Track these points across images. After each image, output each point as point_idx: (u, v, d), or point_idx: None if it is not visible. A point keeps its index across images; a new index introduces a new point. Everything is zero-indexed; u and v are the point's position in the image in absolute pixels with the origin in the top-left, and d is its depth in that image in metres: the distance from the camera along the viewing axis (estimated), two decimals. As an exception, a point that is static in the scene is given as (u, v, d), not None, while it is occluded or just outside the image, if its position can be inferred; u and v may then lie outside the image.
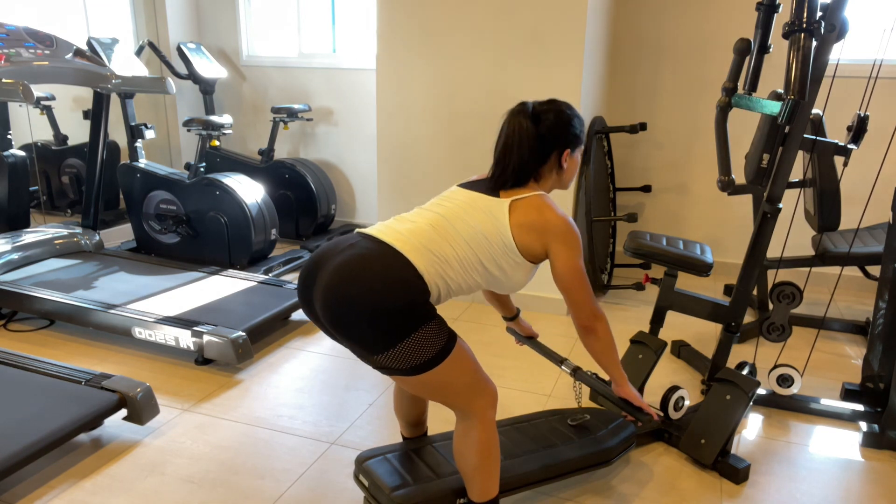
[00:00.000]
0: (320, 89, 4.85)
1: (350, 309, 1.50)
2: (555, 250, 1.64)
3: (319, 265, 1.60)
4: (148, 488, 2.09)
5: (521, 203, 1.64)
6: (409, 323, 1.51)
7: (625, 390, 1.81)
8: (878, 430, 2.39)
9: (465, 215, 1.64)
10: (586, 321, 1.69)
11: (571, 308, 1.70)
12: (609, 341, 1.73)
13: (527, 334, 2.16)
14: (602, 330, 1.71)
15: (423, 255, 1.57)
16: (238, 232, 3.90)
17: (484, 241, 1.63)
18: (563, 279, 1.66)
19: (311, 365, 2.95)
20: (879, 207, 3.79)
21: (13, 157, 3.67)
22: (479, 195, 1.68)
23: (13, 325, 3.28)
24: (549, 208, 1.64)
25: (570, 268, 1.64)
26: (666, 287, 2.56)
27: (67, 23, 4.26)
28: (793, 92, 2.05)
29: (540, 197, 1.66)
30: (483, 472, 1.68)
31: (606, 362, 1.76)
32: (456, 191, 1.74)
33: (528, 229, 1.63)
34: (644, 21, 4.02)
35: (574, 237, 1.65)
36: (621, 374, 1.80)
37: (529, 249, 1.64)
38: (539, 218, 1.63)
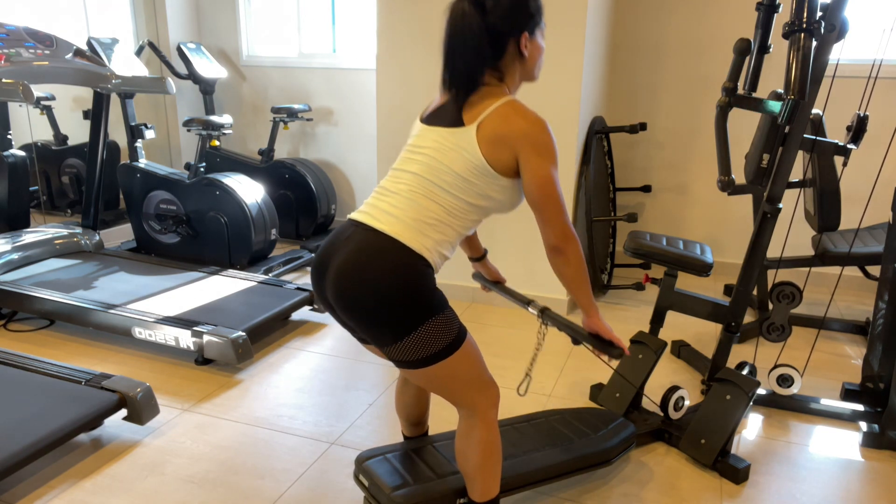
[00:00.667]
0: (320, 89, 4.85)
1: (361, 306, 1.50)
2: (523, 158, 1.49)
3: (327, 262, 1.57)
4: (148, 488, 2.09)
5: (487, 119, 1.49)
6: (419, 314, 1.49)
7: (594, 321, 1.65)
8: (878, 430, 2.39)
9: (439, 165, 1.53)
10: (556, 241, 1.54)
11: (541, 226, 1.55)
12: (580, 266, 1.57)
13: (494, 279, 2.05)
14: (573, 252, 1.55)
15: (416, 230, 1.52)
16: (238, 232, 3.90)
17: (465, 182, 1.53)
18: (532, 191, 1.51)
19: (311, 365, 2.95)
20: (879, 207, 3.79)
21: (13, 157, 3.67)
22: (444, 131, 1.54)
23: (13, 325, 3.28)
24: (515, 113, 1.49)
25: (539, 177, 1.49)
26: (666, 287, 2.56)
27: (67, 23, 4.26)
28: (793, 92, 2.05)
29: (506, 104, 1.50)
30: (484, 471, 1.68)
31: (576, 289, 1.60)
32: (422, 132, 1.60)
33: (498, 145, 1.49)
34: (644, 21, 4.02)
35: (544, 141, 1.48)
36: (592, 303, 1.64)
37: (507, 167, 1.51)
38: (505, 128, 1.48)
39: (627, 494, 2.10)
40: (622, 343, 1.64)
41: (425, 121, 1.62)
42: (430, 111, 1.64)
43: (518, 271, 3.56)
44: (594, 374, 2.90)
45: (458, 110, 1.54)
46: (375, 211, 1.57)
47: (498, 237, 3.56)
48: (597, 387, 2.64)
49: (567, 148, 3.36)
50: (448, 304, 1.56)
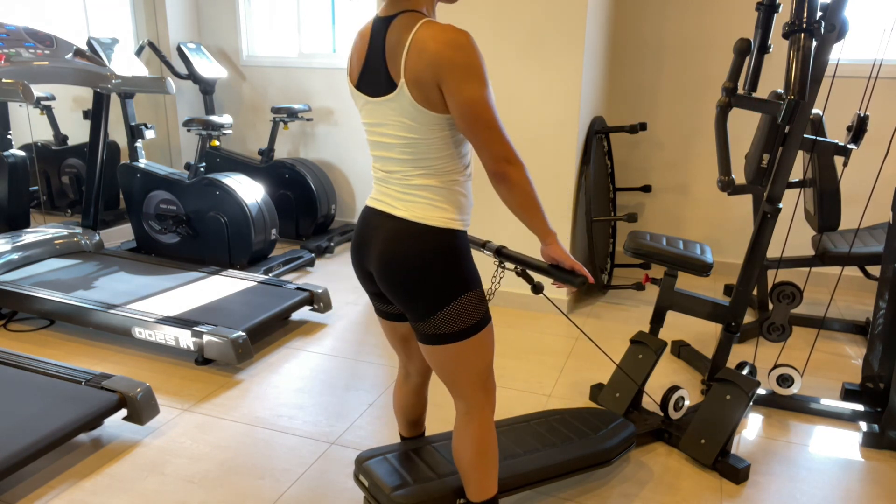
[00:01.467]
0: (320, 89, 4.85)
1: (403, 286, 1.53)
2: (446, 87, 1.35)
3: (366, 246, 1.60)
4: (148, 488, 2.09)
5: (408, 65, 1.37)
6: (455, 288, 1.52)
7: (553, 249, 1.56)
8: (878, 430, 2.39)
9: (405, 141, 1.47)
10: (495, 165, 1.42)
11: (478, 152, 1.43)
12: (526, 190, 1.44)
13: None
14: (516, 175, 1.42)
15: (430, 206, 1.52)
16: (238, 232, 3.90)
17: (433, 141, 1.45)
18: (461, 118, 1.38)
19: (311, 365, 2.95)
20: (879, 207, 3.79)
21: (13, 157, 3.67)
22: (386, 105, 1.45)
23: (13, 325, 3.28)
24: (427, 39, 1.34)
25: (463, 101, 1.36)
26: (666, 287, 2.56)
27: (67, 23, 4.26)
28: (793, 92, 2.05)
29: (418, 32, 1.36)
30: (480, 469, 1.68)
31: (527, 216, 1.49)
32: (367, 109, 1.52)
33: (426, 87, 1.37)
34: (644, 21, 4.02)
35: (462, 61, 1.33)
36: (548, 229, 1.53)
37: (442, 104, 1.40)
38: (420, 64, 1.35)
39: (627, 494, 2.10)
40: (584, 270, 1.57)
41: (361, 87, 1.51)
42: (358, 71, 1.51)
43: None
44: (594, 374, 2.90)
45: (383, 64, 1.42)
46: (389, 199, 1.58)
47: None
48: (597, 387, 2.64)
49: (567, 148, 3.36)
50: (481, 284, 1.58)
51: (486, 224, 3.57)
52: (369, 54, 1.48)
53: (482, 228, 3.59)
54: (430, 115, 1.42)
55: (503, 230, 3.53)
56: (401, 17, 1.42)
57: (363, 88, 1.51)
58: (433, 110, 1.41)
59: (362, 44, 1.51)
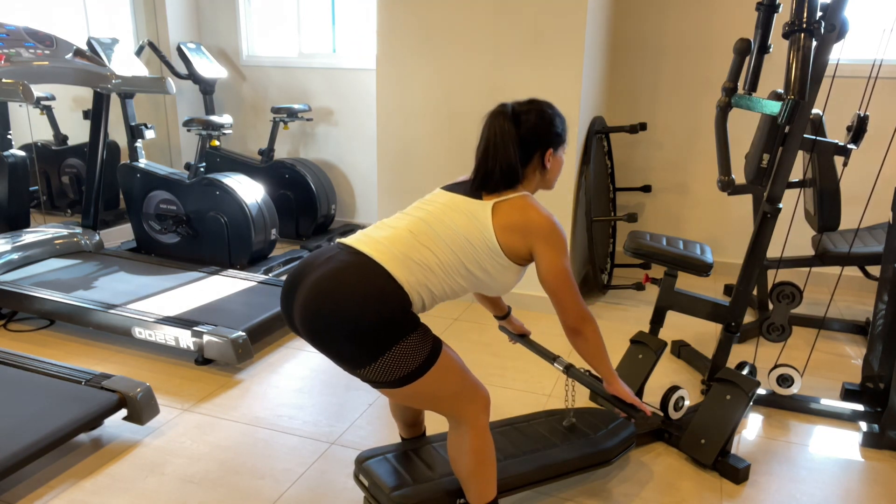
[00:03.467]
0: (320, 89, 4.85)
1: (328, 325, 1.48)
2: (539, 251, 1.61)
3: (298, 280, 1.57)
4: (148, 488, 2.09)
5: (505, 204, 1.62)
6: (390, 336, 1.48)
7: (616, 388, 1.79)
8: (878, 430, 2.39)
9: (447, 218, 1.62)
10: (574, 323, 1.66)
11: (558, 310, 1.67)
12: (598, 343, 1.70)
13: (519, 332, 2.14)
14: (590, 331, 1.68)
15: (402, 264, 1.54)
16: (238, 232, 3.90)
17: (467, 244, 1.60)
18: (549, 281, 1.63)
19: (311, 365, 2.95)
20: (879, 207, 3.79)
21: (13, 157, 3.67)
22: (461, 197, 1.65)
23: (13, 325, 3.28)
24: (532, 208, 1.62)
25: (555, 268, 1.61)
26: (666, 287, 2.56)
27: (67, 23, 4.26)
28: (793, 92, 2.05)
29: (523, 197, 1.63)
30: (478, 477, 1.68)
31: (596, 363, 1.74)
32: (438, 193, 1.71)
33: (512, 230, 1.60)
34: (644, 21, 4.02)
35: (558, 237, 1.61)
36: (612, 373, 1.78)
37: (514, 251, 1.62)
38: (522, 218, 1.60)
39: (627, 494, 2.10)
40: (644, 406, 1.77)
41: (444, 187, 1.73)
42: (449, 184, 1.75)
43: None
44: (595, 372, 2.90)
45: (478, 191, 1.66)
46: (367, 239, 1.60)
47: None
48: (597, 387, 2.64)
49: (567, 148, 3.35)
50: (420, 321, 1.56)
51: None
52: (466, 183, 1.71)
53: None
54: (497, 249, 1.60)
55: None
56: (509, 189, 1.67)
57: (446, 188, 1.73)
58: (505, 251, 1.60)
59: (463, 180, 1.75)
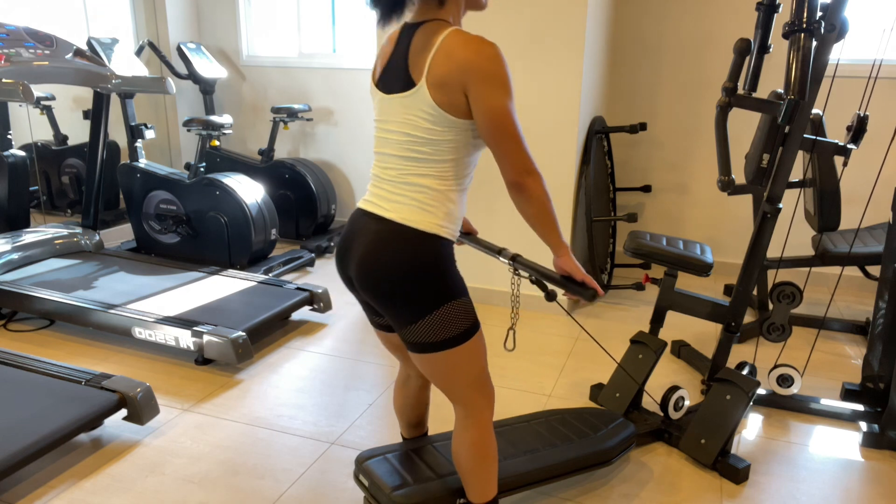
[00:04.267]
0: (320, 89, 4.85)
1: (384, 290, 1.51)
2: (471, 93, 1.39)
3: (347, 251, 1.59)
4: (148, 488, 2.09)
5: (432, 66, 1.40)
6: (438, 295, 1.50)
7: (566, 261, 1.58)
8: (878, 430, 2.39)
9: (411, 139, 1.48)
10: (514, 175, 1.45)
11: (498, 161, 1.46)
12: (543, 201, 1.48)
13: (466, 230, 2.00)
14: (534, 186, 1.45)
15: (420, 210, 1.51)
16: (238, 232, 3.90)
17: (439, 144, 1.47)
18: (484, 125, 1.41)
19: (311, 365, 2.95)
20: (879, 207, 3.79)
21: (13, 157, 3.67)
22: (401, 99, 1.47)
23: (13, 325, 3.28)
24: (459, 46, 1.38)
25: (489, 109, 1.39)
26: (666, 287, 2.56)
27: (67, 23, 4.26)
28: (793, 92, 2.05)
29: (447, 38, 1.40)
30: (480, 473, 1.68)
31: (542, 227, 1.52)
32: (382, 105, 1.54)
33: (447, 89, 1.40)
34: (644, 21, 4.02)
35: (491, 70, 1.38)
36: (560, 242, 1.56)
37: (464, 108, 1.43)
38: (448, 66, 1.38)
39: (627, 494, 2.10)
40: (595, 283, 1.58)
41: (379, 85, 1.55)
42: (380, 73, 1.56)
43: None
44: (594, 374, 2.90)
45: (404, 64, 1.46)
46: (379, 200, 1.58)
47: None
48: (597, 387, 2.64)
49: (567, 148, 3.36)
50: (467, 293, 1.57)
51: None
52: (393, 56, 1.53)
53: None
54: (448, 117, 1.44)
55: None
56: (429, 23, 1.46)
57: (381, 86, 1.54)
58: (452, 113, 1.43)
59: (388, 47, 1.56)
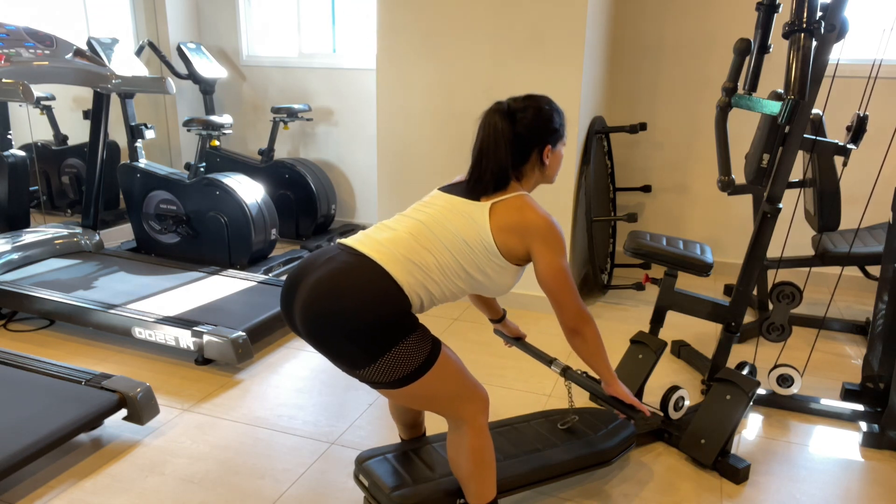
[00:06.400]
0: (320, 89, 4.85)
1: (329, 325, 1.49)
2: (537, 251, 1.61)
3: (299, 280, 1.57)
4: (148, 488, 2.09)
5: (502, 205, 1.61)
6: (389, 336, 1.49)
7: (615, 389, 1.78)
8: (878, 430, 2.39)
9: (445, 221, 1.62)
10: (572, 323, 1.65)
11: (557, 310, 1.66)
12: (597, 343, 1.69)
13: (514, 335, 2.13)
14: (589, 332, 1.67)
15: (402, 266, 1.54)
16: (238, 232, 3.90)
17: (465, 246, 1.60)
18: (547, 281, 1.62)
19: (311, 365, 2.95)
20: (879, 207, 3.79)
21: (13, 157, 3.67)
22: (459, 199, 1.65)
23: (13, 325, 3.28)
24: (529, 208, 1.61)
25: (552, 268, 1.61)
26: (666, 287, 2.56)
27: (67, 23, 4.26)
28: (793, 92, 2.05)
29: (521, 197, 1.63)
30: (478, 478, 1.68)
31: (595, 364, 1.72)
32: (436, 195, 1.71)
33: (509, 231, 1.59)
34: (644, 21, 4.02)
35: (556, 236, 1.60)
36: (611, 374, 1.77)
37: (512, 252, 1.61)
38: (520, 218, 1.59)
39: (627, 494, 2.10)
40: (643, 407, 1.76)
41: (442, 189, 1.73)
42: (447, 185, 1.74)
43: None
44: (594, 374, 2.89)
45: (476, 192, 1.65)
46: (367, 240, 1.59)
47: None
48: (597, 387, 2.64)
49: (567, 148, 3.35)
50: (419, 323, 1.56)
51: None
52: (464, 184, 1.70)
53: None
54: (493, 247, 1.59)
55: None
56: None
57: (444, 189, 1.72)
58: (501, 250, 1.60)
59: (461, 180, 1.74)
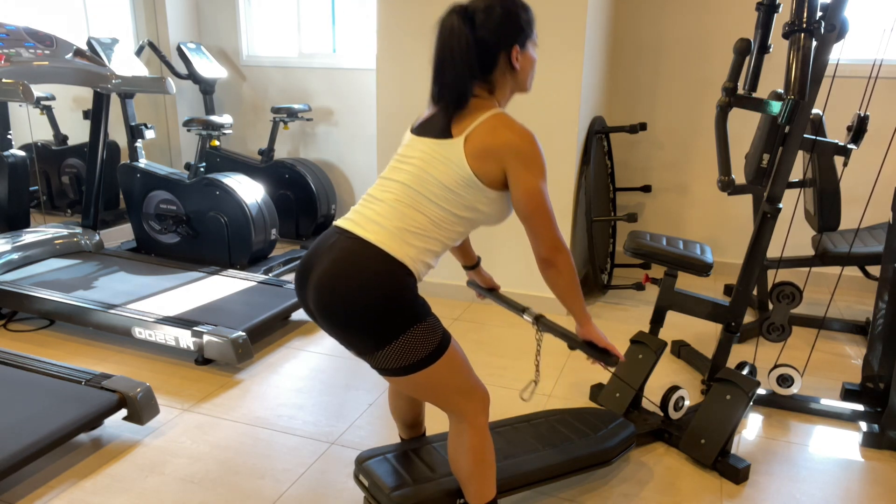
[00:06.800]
0: (320, 89, 4.85)
1: (340, 314, 1.49)
2: (511, 171, 1.50)
3: (308, 270, 1.57)
4: (148, 488, 2.09)
5: (475, 132, 1.50)
6: (400, 322, 1.48)
7: (589, 330, 1.67)
8: (878, 430, 2.39)
9: (426, 175, 1.53)
10: (546, 253, 1.55)
11: (531, 237, 1.56)
12: (571, 276, 1.58)
13: (488, 286, 2.04)
14: (563, 263, 1.56)
15: (399, 239, 1.51)
16: (238, 232, 3.90)
17: (451, 193, 1.52)
18: (521, 203, 1.51)
19: (311, 365, 2.95)
20: (879, 207, 3.79)
21: (13, 157, 3.67)
22: (433, 143, 1.54)
23: (13, 325, 3.28)
24: (503, 126, 1.49)
25: (528, 190, 1.50)
26: (666, 287, 2.56)
27: (67, 23, 4.26)
28: (793, 92, 2.05)
29: (494, 117, 1.50)
30: (477, 477, 1.68)
31: (569, 300, 1.62)
32: (411, 143, 1.61)
33: (485, 157, 1.49)
34: (644, 21, 4.02)
35: (532, 154, 1.49)
36: (585, 314, 1.65)
37: (495, 179, 1.52)
38: (493, 141, 1.48)
39: (627, 494, 2.10)
40: (617, 350, 1.66)
41: (415, 131, 1.63)
42: (419, 122, 1.64)
43: (519, 271, 3.56)
44: (594, 374, 2.90)
45: (447, 122, 1.54)
46: (360, 218, 1.57)
47: (499, 238, 3.56)
48: (597, 387, 2.64)
49: (567, 148, 3.36)
50: (431, 312, 1.55)
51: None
52: (434, 116, 1.59)
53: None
54: (476, 181, 1.51)
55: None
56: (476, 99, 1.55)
57: (415, 132, 1.62)
58: (483, 180, 1.51)
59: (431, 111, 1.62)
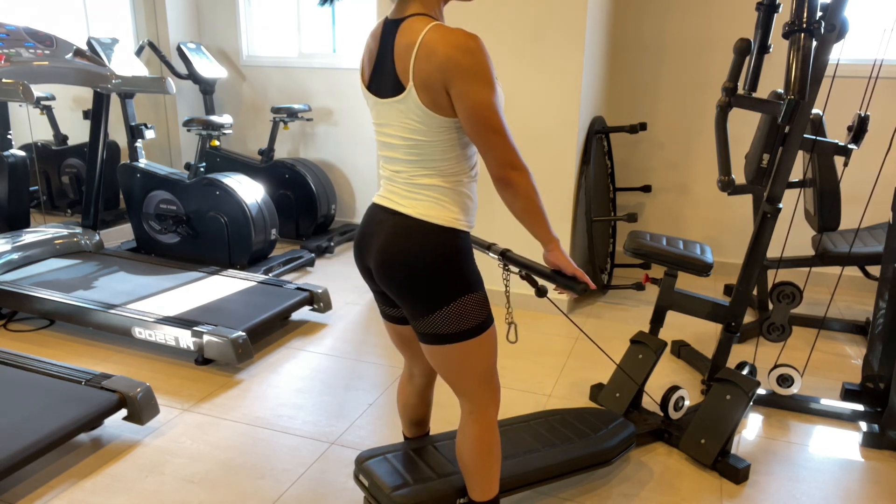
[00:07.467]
0: (320, 89, 4.85)
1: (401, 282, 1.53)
2: (453, 91, 1.36)
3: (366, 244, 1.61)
4: (148, 488, 2.09)
5: (416, 68, 1.38)
6: (455, 288, 1.51)
7: (556, 255, 1.55)
8: (878, 430, 2.39)
9: (411, 142, 1.48)
10: (500, 170, 1.42)
11: (483, 156, 1.43)
12: (531, 196, 1.45)
13: None
14: (520, 181, 1.42)
15: (435, 205, 1.52)
16: (238, 232, 3.90)
17: (439, 143, 1.46)
18: (468, 121, 1.39)
19: (311, 365, 2.95)
20: (879, 207, 3.79)
21: (13, 157, 3.67)
22: (394, 105, 1.46)
23: (13, 325, 3.28)
24: (436, 42, 1.35)
25: (471, 104, 1.37)
26: (666, 287, 2.56)
27: (67, 23, 4.26)
28: (793, 92, 2.05)
29: (427, 35, 1.36)
30: (483, 470, 1.68)
31: (529, 221, 1.49)
32: (376, 109, 1.53)
33: (433, 91, 1.38)
34: (644, 21, 4.02)
35: (469, 64, 1.34)
36: (550, 236, 1.53)
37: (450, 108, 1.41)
38: (428, 67, 1.36)
39: (627, 494, 2.10)
40: (586, 277, 1.56)
41: (371, 89, 1.53)
42: (369, 72, 1.54)
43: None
44: (594, 374, 2.90)
45: (392, 68, 1.43)
46: (394, 196, 1.59)
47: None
48: (597, 387, 2.64)
49: (567, 148, 3.36)
50: (484, 288, 1.58)
51: (488, 227, 3.57)
52: (379, 56, 1.49)
53: (484, 231, 3.59)
54: (437, 118, 1.43)
55: (505, 233, 3.53)
56: (410, 20, 1.42)
57: (373, 89, 1.53)
58: (440, 113, 1.42)
59: (374, 45, 1.52)
